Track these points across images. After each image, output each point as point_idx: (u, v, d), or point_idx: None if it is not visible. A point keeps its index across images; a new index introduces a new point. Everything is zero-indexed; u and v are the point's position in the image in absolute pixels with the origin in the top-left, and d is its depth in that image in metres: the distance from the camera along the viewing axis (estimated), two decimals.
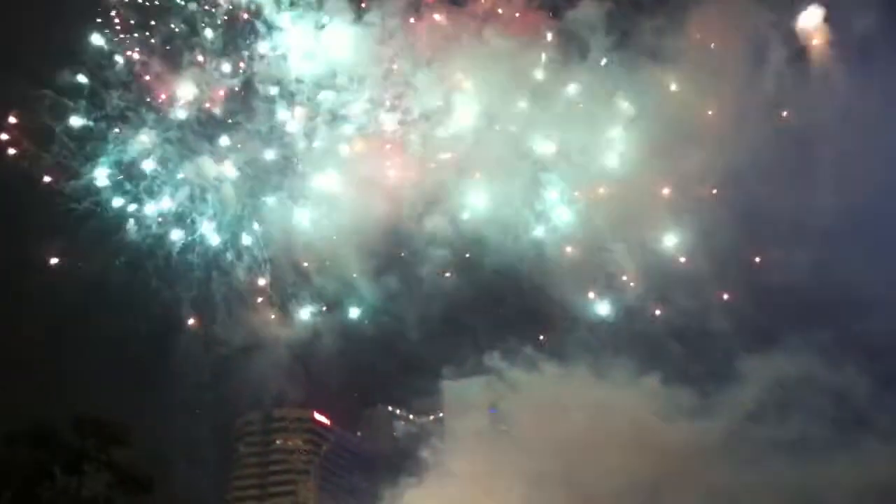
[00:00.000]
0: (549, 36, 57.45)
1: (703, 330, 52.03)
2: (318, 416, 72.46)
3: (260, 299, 59.93)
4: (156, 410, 57.78)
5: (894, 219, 49.50)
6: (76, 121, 57.51)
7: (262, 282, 59.77)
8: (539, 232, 57.23)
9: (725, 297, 53.54)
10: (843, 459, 47.30)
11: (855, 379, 48.12)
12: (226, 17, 59.97)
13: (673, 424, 50.27)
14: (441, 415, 66.31)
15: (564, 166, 57.05)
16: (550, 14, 57.79)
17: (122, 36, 59.14)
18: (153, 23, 59.45)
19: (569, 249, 56.69)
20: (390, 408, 70.95)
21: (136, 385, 57.18)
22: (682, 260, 54.40)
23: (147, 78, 59.47)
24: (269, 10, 59.62)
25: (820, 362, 48.51)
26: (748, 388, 49.94)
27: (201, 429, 60.40)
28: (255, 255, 59.71)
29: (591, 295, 56.10)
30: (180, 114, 59.67)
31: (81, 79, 57.68)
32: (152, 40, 59.74)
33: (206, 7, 59.72)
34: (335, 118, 59.21)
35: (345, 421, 69.62)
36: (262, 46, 59.83)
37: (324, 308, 60.28)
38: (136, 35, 59.47)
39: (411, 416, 69.73)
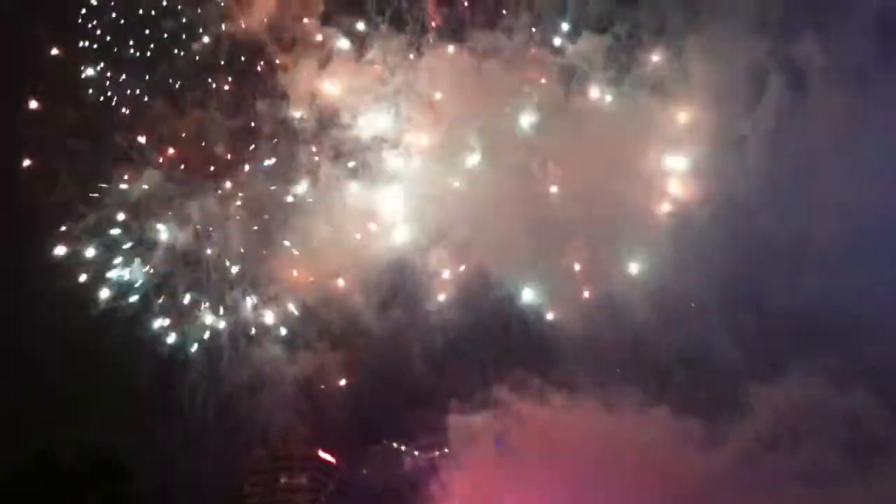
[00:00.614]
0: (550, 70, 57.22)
1: (709, 358, 51.25)
2: (323, 455, 71.02)
3: (266, 336, 58.91)
4: (160, 447, 56.66)
5: None
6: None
7: (269, 319, 58.99)
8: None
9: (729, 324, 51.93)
10: (858, 485, 46.38)
11: (867, 403, 47.32)
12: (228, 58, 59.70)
13: (683, 454, 49.35)
14: (447, 450, 65.06)
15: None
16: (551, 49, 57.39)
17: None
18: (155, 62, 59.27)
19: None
20: (395, 444, 69.60)
21: (140, 422, 56.00)
22: (683, 288, 53.19)
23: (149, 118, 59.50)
24: (270, 50, 59.20)
25: (830, 388, 47.90)
26: (758, 417, 49.26)
27: (206, 466, 59.17)
28: (261, 293, 59.27)
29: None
30: (184, 152, 59.70)
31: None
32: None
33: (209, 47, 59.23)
34: (338, 155, 58.97)
35: (350, 458, 68.20)
36: (264, 86, 59.56)
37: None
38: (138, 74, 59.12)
39: (416, 452, 68.44)
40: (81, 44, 58.95)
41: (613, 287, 55.17)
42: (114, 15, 59.25)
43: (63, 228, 57.75)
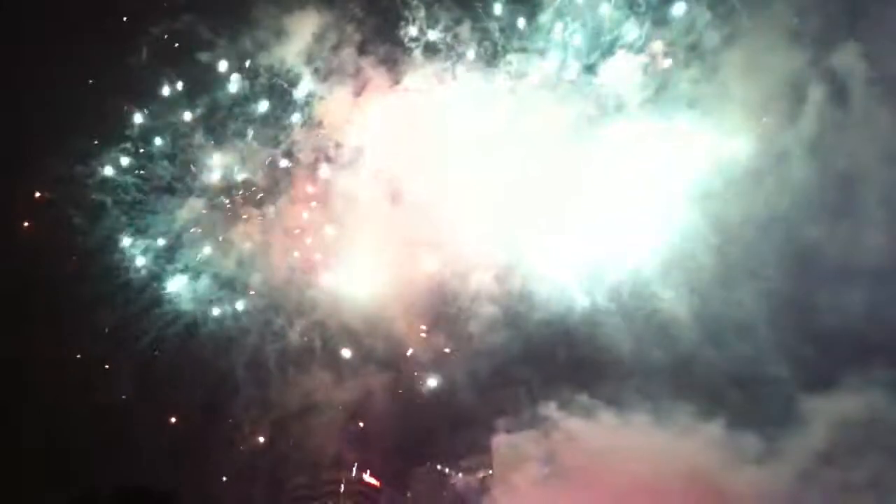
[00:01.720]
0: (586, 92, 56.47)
1: (760, 373, 50.08)
2: (367, 478, 70.08)
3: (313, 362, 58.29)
4: (209, 477, 56.21)
5: None
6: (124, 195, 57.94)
7: (315, 344, 58.32)
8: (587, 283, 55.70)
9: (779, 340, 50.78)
10: None
11: None
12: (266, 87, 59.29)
13: (739, 471, 48.08)
14: (491, 471, 63.99)
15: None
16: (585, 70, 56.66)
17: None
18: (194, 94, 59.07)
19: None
20: (440, 466, 68.48)
21: (190, 452, 55.66)
22: (734, 305, 52.12)
23: (190, 149, 59.22)
24: (307, 80, 58.75)
25: (884, 399, 46.54)
26: (814, 430, 47.93)
27: (255, 494, 58.51)
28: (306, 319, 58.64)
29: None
30: (225, 182, 59.44)
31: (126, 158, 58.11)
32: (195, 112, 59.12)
33: (247, 78, 58.84)
34: (377, 179, 58.35)
35: (395, 481, 67.27)
36: (300, 115, 59.22)
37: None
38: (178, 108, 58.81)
39: (460, 474, 67.32)
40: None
41: (661, 303, 53.48)
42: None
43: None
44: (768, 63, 51.19)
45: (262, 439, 58.67)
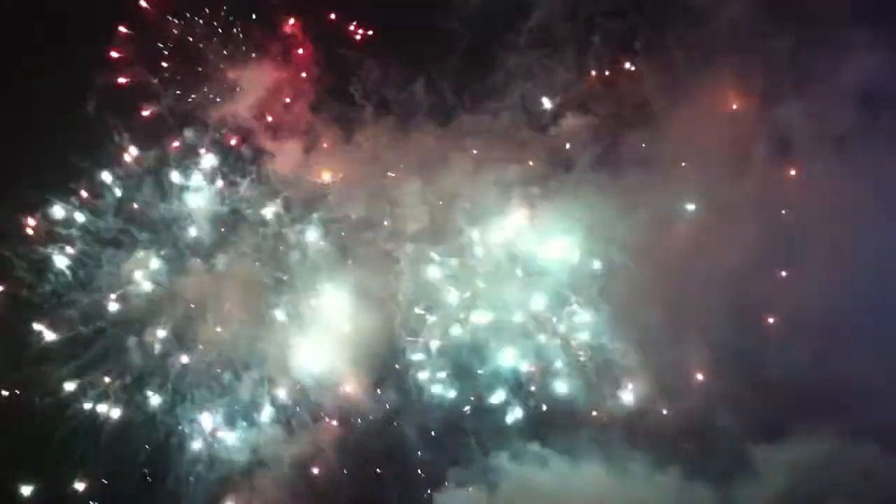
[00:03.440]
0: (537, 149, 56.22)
1: (711, 425, 49.70)
2: None
3: (262, 416, 56.18)
4: None
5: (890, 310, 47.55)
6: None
7: (263, 398, 56.26)
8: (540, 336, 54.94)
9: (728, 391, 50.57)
10: None
11: (880, 458, 45.94)
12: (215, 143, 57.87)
13: None
14: None
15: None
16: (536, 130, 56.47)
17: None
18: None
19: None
20: None
21: None
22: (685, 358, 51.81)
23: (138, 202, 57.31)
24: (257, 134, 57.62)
25: (833, 449, 46.48)
26: (766, 480, 47.60)
27: None
28: (254, 374, 56.65)
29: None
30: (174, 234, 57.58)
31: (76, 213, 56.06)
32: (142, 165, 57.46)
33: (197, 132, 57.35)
34: (327, 233, 57.18)
35: None
36: (249, 170, 57.85)
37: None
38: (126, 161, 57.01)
39: None
40: None
41: (611, 356, 52.89)
42: None
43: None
44: (715, 121, 51.42)
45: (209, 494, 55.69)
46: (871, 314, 48.34)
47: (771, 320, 51.41)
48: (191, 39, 57.26)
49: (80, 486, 54.40)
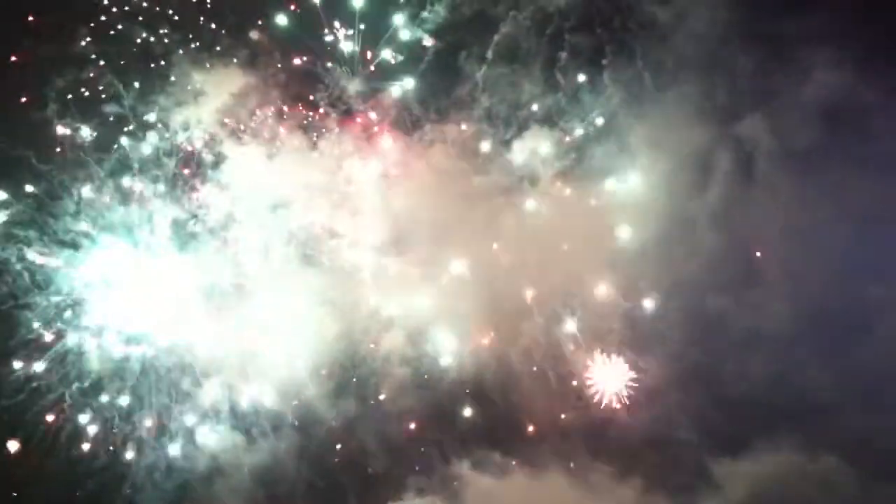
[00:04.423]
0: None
1: (672, 438, 49.51)
2: None
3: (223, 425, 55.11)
4: None
5: (847, 324, 47.80)
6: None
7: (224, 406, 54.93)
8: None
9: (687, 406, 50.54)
10: None
11: (838, 470, 46.18)
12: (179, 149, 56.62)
13: None
14: None
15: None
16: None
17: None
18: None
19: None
20: None
21: None
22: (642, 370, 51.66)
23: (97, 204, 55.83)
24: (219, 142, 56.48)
25: (793, 462, 46.53)
26: (727, 493, 47.43)
27: None
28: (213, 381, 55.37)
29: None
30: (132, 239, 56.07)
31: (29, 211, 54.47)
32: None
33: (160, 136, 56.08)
34: (290, 240, 56.12)
35: None
36: (210, 177, 56.66)
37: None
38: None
39: None
40: None
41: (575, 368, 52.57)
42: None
43: None
44: (677, 136, 51.40)
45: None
46: (828, 331, 48.53)
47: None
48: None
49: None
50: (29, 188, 54.51)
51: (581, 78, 54.65)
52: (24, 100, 54.88)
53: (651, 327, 52.48)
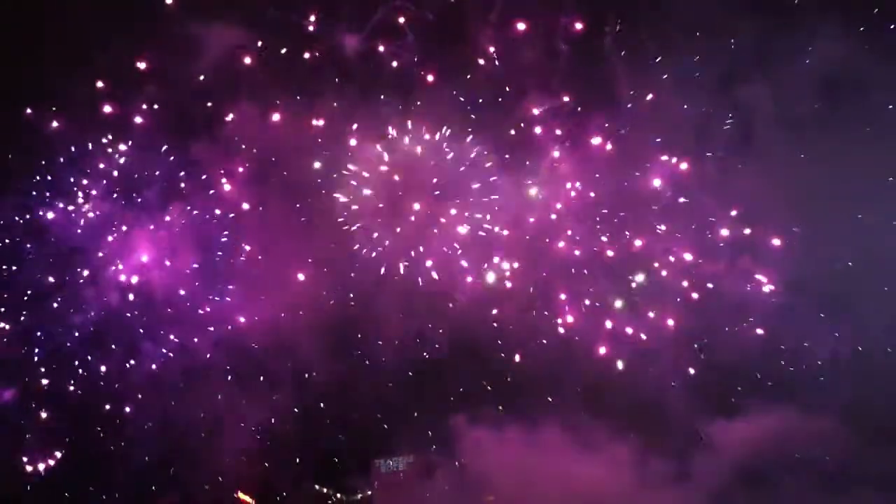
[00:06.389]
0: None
1: (667, 398, 49.34)
2: (243, 496, 64.91)
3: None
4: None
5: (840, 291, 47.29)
6: None
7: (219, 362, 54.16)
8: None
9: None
10: None
11: (833, 433, 46.09)
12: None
13: (651, 491, 46.79)
14: (370, 492, 60.66)
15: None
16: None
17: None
18: None
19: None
20: (317, 486, 64.27)
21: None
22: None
23: None
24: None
25: (784, 425, 46.36)
26: (721, 454, 47.33)
27: None
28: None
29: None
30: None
31: None
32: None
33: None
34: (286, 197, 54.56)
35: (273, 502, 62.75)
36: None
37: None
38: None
39: (339, 495, 63.48)
40: None
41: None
42: None
43: None
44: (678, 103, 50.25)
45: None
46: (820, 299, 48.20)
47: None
48: None
49: None
50: None
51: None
52: None
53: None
